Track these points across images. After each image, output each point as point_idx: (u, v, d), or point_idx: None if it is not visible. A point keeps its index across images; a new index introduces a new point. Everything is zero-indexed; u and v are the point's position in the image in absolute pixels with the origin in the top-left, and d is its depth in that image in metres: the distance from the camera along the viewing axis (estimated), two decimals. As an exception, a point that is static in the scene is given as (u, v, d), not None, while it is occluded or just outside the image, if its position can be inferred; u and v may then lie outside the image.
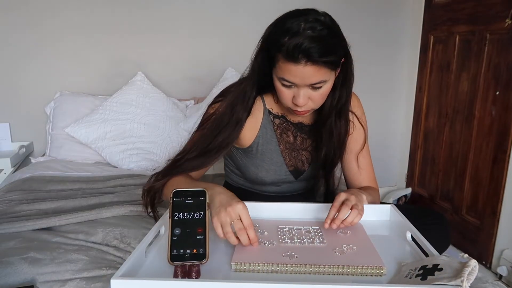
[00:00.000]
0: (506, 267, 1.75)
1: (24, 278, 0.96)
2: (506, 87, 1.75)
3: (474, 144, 1.95)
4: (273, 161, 1.13)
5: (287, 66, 0.90)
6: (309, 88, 0.94)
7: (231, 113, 1.03)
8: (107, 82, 2.11)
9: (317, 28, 0.88)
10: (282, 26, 0.91)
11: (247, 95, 1.03)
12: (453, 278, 0.62)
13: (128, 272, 0.68)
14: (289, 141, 1.15)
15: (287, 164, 1.15)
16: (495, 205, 1.82)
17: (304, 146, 1.16)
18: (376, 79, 2.47)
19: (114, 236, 1.14)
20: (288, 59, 0.88)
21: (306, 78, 0.91)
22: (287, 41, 0.87)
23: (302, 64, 0.88)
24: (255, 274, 0.74)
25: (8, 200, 1.40)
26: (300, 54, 0.87)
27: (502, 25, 1.75)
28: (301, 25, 0.87)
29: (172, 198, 0.75)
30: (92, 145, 1.87)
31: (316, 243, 0.84)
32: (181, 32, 2.16)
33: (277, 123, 1.13)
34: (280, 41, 0.89)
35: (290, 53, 0.87)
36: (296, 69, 0.89)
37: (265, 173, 1.13)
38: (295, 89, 0.95)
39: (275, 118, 1.13)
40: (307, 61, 0.87)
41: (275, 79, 0.96)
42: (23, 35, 1.99)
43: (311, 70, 0.89)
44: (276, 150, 1.13)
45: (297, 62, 0.88)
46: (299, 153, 1.16)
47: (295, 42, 0.86)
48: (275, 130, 1.13)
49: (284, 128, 1.14)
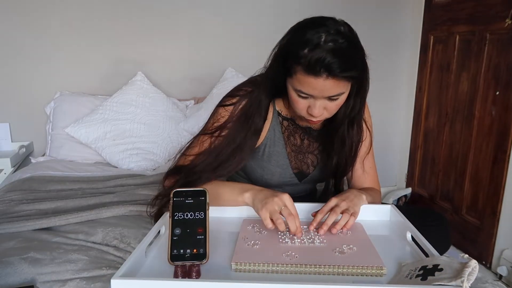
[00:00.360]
0: (506, 267, 1.75)
1: (24, 278, 0.95)
2: (506, 87, 1.75)
3: (474, 144, 1.95)
4: (279, 163, 1.11)
5: (306, 79, 0.87)
6: (326, 99, 0.92)
7: (248, 124, 1.00)
8: (107, 82, 2.11)
9: (339, 41, 0.85)
10: (301, 37, 0.87)
11: (262, 104, 1.00)
12: (454, 278, 0.62)
13: (128, 272, 0.68)
14: (296, 143, 1.13)
15: (292, 167, 1.13)
16: (495, 205, 1.82)
17: (311, 149, 1.15)
18: (376, 79, 2.45)
19: (114, 236, 1.14)
20: (308, 72, 0.86)
21: (325, 91, 0.88)
22: (308, 54, 0.84)
23: (323, 78, 0.85)
24: (255, 274, 0.74)
25: (8, 200, 1.40)
26: (322, 68, 0.84)
27: (502, 25, 1.75)
28: (322, 37, 0.84)
29: (172, 198, 0.75)
30: (92, 145, 1.87)
31: (316, 243, 0.84)
32: (181, 32, 2.16)
33: (285, 125, 1.11)
34: (299, 53, 0.86)
35: (311, 67, 0.84)
36: (316, 83, 0.86)
37: (270, 175, 1.12)
38: (311, 100, 0.92)
39: (284, 120, 1.11)
40: (328, 75, 0.85)
41: (290, 89, 0.94)
42: (23, 35, 2.00)
43: (331, 83, 0.87)
44: (283, 152, 1.11)
45: (317, 75, 0.85)
46: (305, 156, 1.14)
47: (317, 55, 0.83)
48: (283, 132, 1.11)
49: (292, 130, 1.12)
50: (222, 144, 1.01)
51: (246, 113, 1.01)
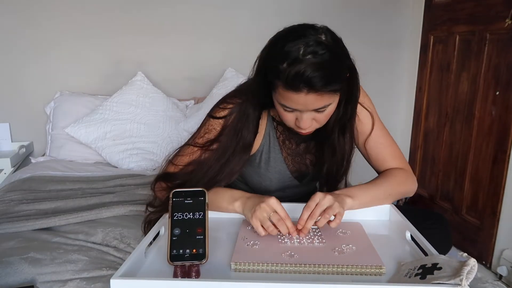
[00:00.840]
0: (506, 267, 1.75)
1: (24, 278, 0.96)
2: (506, 87, 1.75)
3: (474, 144, 1.95)
4: (277, 169, 1.09)
5: (288, 94, 0.84)
6: (313, 111, 0.88)
7: (237, 139, 0.97)
8: (107, 82, 2.11)
9: (319, 53, 0.80)
10: (280, 50, 0.82)
11: (250, 118, 0.97)
12: (452, 277, 0.62)
13: (128, 272, 0.68)
14: (292, 147, 1.10)
15: (290, 170, 1.11)
16: (495, 205, 1.81)
17: (308, 150, 1.11)
18: (376, 79, 2.47)
19: (114, 236, 1.14)
20: (287, 88, 0.82)
21: (309, 105, 0.85)
22: (287, 68, 0.80)
23: (303, 93, 0.82)
24: (255, 274, 0.74)
25: (8, 200, 1.40)
26: (301, 84, 0.80)
27: (502, 25, 1.75)
28: (300, 49, 0.80)
29: (171, 199, 0.75)
30: (92, 145, 1.87)
31: (315, 243, 0.84)
32: (181, 32, 2.16)
33: (280, 130, 1.08)
34: (278, 68, 0.82)
35: (290, 82, 0.81)
36: (298, 98, 0.83)
37: (268, 182, 1.10)
38: (297, 113, 0.89)
39: (278, 125, 1.08)
40: (309, 90, 0.81)
41: (276, 102, 0.91)
42: (24, 35, 2.00)
43: (313, 98, 0.83)
44: (279, 158, 1.09)
45: (298, 91, 0.81)
46: (302, 158, 1.12)
47: (295, 70, 0.79)
48: (278, 137, 1.08)
49: (287, 135, 1.09)
50: (212, 158, 0.98)
51: (235, 127, 0.98)
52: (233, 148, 0.97)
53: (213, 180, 0.97)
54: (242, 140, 0.98)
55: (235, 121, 0.98)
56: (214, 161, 0.97)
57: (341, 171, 1.07)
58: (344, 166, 1.06)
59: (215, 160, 0.97)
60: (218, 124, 1.01)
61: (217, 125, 1.01)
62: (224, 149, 0.98)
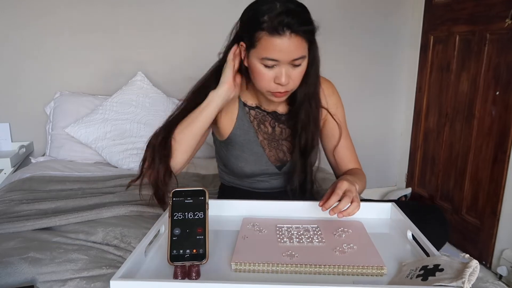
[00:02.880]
0: (506, 267, 1.75)
1: (24, 278, 0.95)
2: (506, 87, 1.75)
3: (474, 144, 1.95)
4: (253, 151, 1.15)
5: (272, 41, 0.93)
6: (290, 66, 0.97)
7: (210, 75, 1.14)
8: (107, 82, 2.11)
9: (292, 6, 0.95)
10: (259, 8, 0.96)
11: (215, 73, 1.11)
12: (454, 279, 0.62)
13: (127, 272, 0.68)
14: (268, 131, 1.17)
15: (267, 155, 1.17)
16: (495, 205, 1.82)
17: (284, 136, 1.18)
18: (376, 79, 2.47)
19: (115, 236, 1.14)
20: (272, 33, 0.93)
21: (291, 52, 0.95)
22: (268, 19, 0.93)
23: (287, 36, 0.93)
24: (255, 274, 0.74)
25: (8, 200, 1.40)
26: (284, 27, 0.92)
27: (502, 25, 1.75)
28: (277, 5, 0.94)
29: (171, 198, 0.75)
30: (92, 145, 1.87)
31: (315, 243, 0.84)
32: (181, 32, 2.16)
33: (253, 115, 1.16)
34: (260, 20, 0.94)
35: (274, 28, 0.92)
36: (282, 43, 0.93)
37: (244, 162, 1.15)
38: (276, 69, 0.98)
39: (251, 110, 1.16)
40: (291, 33, 0.92)
41: (256, 62, 0.99)
42: (23, 35, 1.99)
43: (294, 42, 0.94)
44: (255, 140, 1.15)
45: (282, 35, 0.92)
46: (279, 143, 1.18)
47: (277, 18, 0.92)
48: (251, 121, 1.16)
49: (261, 119, 1.16)
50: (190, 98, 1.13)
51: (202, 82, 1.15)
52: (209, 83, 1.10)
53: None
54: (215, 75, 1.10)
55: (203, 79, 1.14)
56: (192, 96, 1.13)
57: (316, 138, 1.15)
58: (317, 133, 1.15)
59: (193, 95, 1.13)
60: None
61: None
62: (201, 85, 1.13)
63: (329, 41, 2.37)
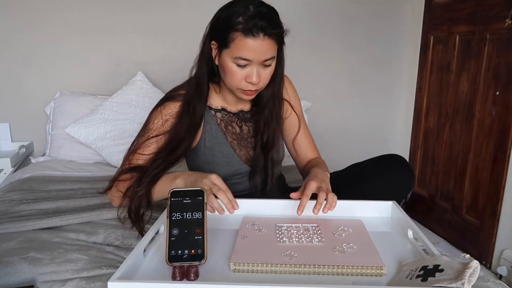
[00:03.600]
0: (506, 267, 1.75)
1: (24, 278, 0.95)
2: (506, 87, 1.75)
3: (474, 144, 1.94)
4: (224, 153, 1.16)
5: (246, 42, 0.97)
6: (260, 66, 1.02)
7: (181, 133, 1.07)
8: (107, 82, 2.11)
9: (264, 9, 0.99)
10: (232, 10, 0.99)
11: (201, 82, 1.11)
12: (454, 280, 0.62)
13: (126, 273, 0.68)
14: (236, 131, 1.18)
15: (238, 154, 1.17)
16: (495, 205, 1.81)
17: (252, 134, 1.19)
18: (376, 79, 2.47)
19: (116, 237, 1.14)
20: (247, 34, 0.97)
21: (262, 52, 0.99)
22: (243, 20, 0.96)
23: (260, 38, 0.97)
24: (254, 274, 0.74)
25: (8, 200, 1.40)
26: (258, 29, 0.96)
27: (502, 25, 1.75)
28: (250, 7, 0.98)
29: (170, 198, 0.75)
30: (92, 145, 1.87)
31: (314, 242, 0.84)
32: (181, 31, 2.16)
33: (219, 117, 1.17)
34: (235, 21, 0.97)
35: (249, 29, 0.96)
36: (255, 44, 0.97)
37: (216, 166, 1.15)
38: (248, 69, 1.01)
39: (216, 112, 1.17)
40: (264, 35, 0.97)
41: (228, 61, 1.01)
42: (23, 35, 2.00)
43: (266, 44, 0.98)
44: (224, 142, 1.16)
45: (256, 36, 0.97)
46: (248, 142, 1.19)
47: (252, 19, 0.96)
48: (219, 124, 1.17)
49: (227, 120, 1.18)
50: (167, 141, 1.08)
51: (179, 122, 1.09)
52: (177, 140, 1.07)
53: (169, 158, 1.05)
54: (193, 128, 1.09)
55: (183, 110, 1.10)
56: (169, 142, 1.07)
57: (277, 134, 1.18)
58: (278, 130, 1.18)
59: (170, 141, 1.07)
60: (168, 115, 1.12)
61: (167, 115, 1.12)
62: (168, 141, 1.07)
63: (329, 41, 2.38)
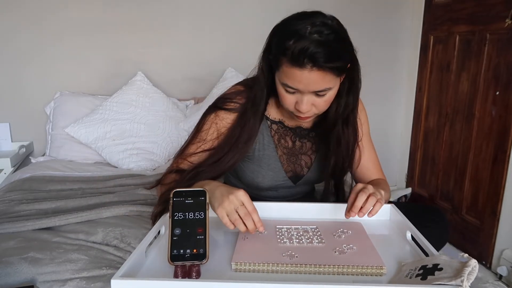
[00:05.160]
0: (506, 267, 1.75)
1: (24, 278, 0.96)
2: (506, 87, 1.75)
3: (474, 144, 1.95)
4: (271, 166, 1.10)
5: (292, 71, 0.87)
6: (313, 94, 0.91)
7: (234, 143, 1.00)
8: (107, 82, 2.11)
9: (324, 32, 0.85)
10: (287, 29, 0.88)
11: (257, 100, 1.00)
12: (453, 278, 0.62)
13: (128, 272, 0.68)
14: (288, 146, 1.12)
15: (285, 170, 1.12)
16: (495, 205, 1.81)
17: (304, 151, 1.13)
18: (376, 79, 2.47)
19: (115, 236, 1.14)
20: (292, 63, 0.85)
21: (311, 84, 0.88)
22: (292, 45, 0.84)
23: (307, 69, 0.85)
24: (255, 274, 0.74)
25: (8, 200, 1.40)
26: (305, 59, 0.84)
27: (502, 25, 1.75)
28: (307, 29, 0.84)
29: (172, 198, 0.75)
30: (92, 145, 1.87)
31: (314, 243, 0.84)
32: (181, 32, 2.16)
33: (274, 129, 1.10)
34: (285, 44, 0.86)
35: (295, 57, 0.84)
36: (301, 75, 0.86)
37: (261, 178, 1.10)
38: (298, 95, 0.92)
39: (273, 124, 1.10)
40: (312, 66, 0.84)
41: (278, 83, 0.94)
42: (23, 35, 2.00)
43: (316, 76, 0.86)
44: (274, 155, 1.10)
45: (302, 67, 0.85)
46: (298, 158, 1.13)
47: (300, 46, 0.83)
48: (272, 136, 1.10)
49: (282, 133, 1.11)
50: (220, 146, 1.02)
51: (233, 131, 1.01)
52: (228, 148, 1.00)
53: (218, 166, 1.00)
54: (240, 144, 1.00)
55: (236, 124, 1.01)
56: (222, 147, 1.01)
57: (347, 162, 1.09)
58: (349, 157, 1.08)
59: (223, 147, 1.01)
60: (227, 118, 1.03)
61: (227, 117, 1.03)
62: (219, 149, 1.01)
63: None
